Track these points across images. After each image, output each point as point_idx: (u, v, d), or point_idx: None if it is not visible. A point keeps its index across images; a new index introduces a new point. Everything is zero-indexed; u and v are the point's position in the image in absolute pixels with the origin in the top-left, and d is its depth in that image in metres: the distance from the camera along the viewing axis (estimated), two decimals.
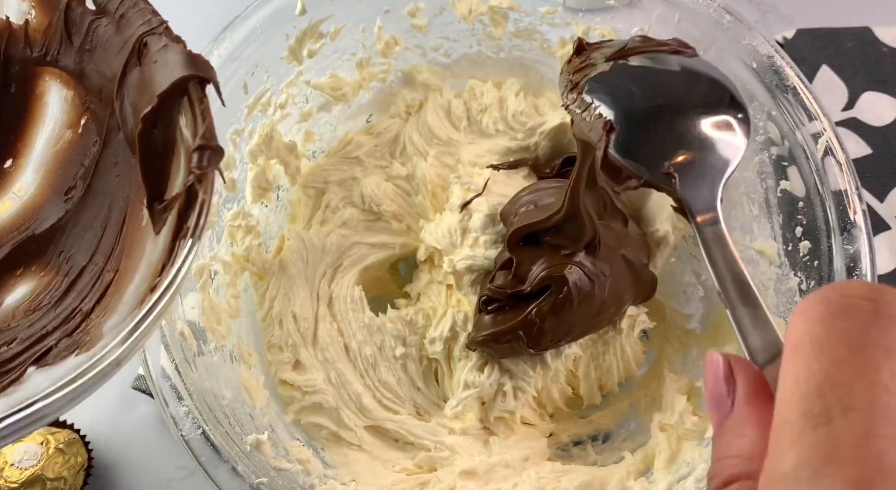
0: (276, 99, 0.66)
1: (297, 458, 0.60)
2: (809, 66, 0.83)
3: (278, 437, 0.60)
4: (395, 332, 0.68)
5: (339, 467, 0.64)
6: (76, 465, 0.66)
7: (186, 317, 0.57)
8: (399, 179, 0.72)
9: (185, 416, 0.54)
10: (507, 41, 0.71)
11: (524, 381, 0.66)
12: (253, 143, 0.65)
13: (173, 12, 0.92)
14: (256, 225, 0.66)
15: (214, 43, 0.61)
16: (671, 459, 0.63)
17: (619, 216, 0.66)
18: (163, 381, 0.54)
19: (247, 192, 0.66)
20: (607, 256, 0.64)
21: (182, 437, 0.53)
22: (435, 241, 0.68)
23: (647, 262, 0.67)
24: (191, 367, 0.56)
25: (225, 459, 0.53)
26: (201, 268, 0.60)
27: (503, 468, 0.64)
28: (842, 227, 0.58)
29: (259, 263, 0.66)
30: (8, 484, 0.63)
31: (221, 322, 0.61)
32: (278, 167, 0.68)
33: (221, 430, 0.55)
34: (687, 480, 0.59)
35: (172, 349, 0.55)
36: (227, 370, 0.60)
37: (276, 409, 0.64)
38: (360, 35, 0.68)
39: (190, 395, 0.54)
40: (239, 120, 0.63)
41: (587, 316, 0.63)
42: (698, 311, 0.71)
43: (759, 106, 0.62)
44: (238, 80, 0.62)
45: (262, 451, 0.56)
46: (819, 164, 0.59)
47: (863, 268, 0.57)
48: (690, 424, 0.63)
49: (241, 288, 0.65)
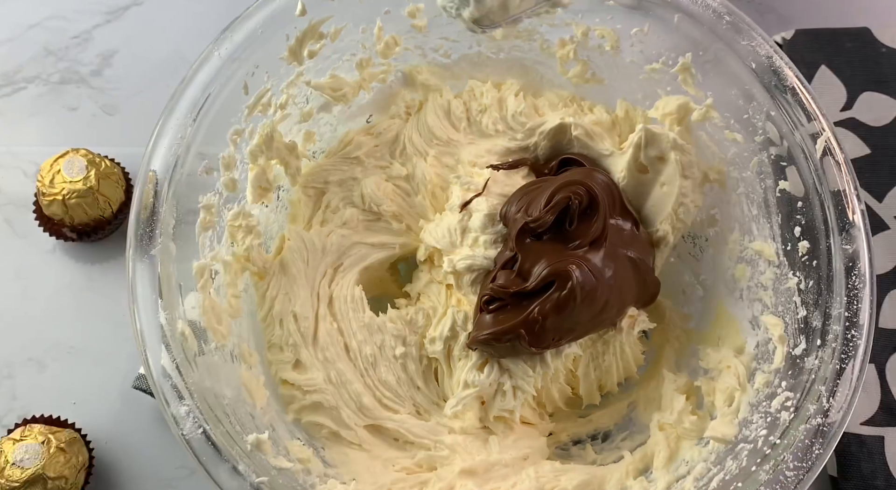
0: (276, 99, 0.66)
1: (298, 458, 0.60)
2: (808, 67, 0.83)
3: (279, 437, 0.61)
4: (395, 332, 0.68)
5: (339, 466, 0.64)
6: (77, 465, 0.67)
7: (187, 316, 0.57)
8: (399, 179, 0.73)
9: (185, 416, 0.54)
10: (506, 42, 0.71)
11: (524, 381, 0.66)
12: (253, 144, 0.65)
13: (174, 13, 0.93)
14: (257, 225, 0.66)
15: (215, 43, 0.61)
16: (670, 458, 0.63)
17: (630, 218, 0.67)
18: (163, 380, 0.54)
19: (247, 193, 0.66)
20: (613, 255, 0.64)
21: (183, 436, 0.53)
22: (435, 241, 0.68)
23: (652, 266, 0.67)
24: (192, 367, 0.56)
25: (226, 459, 0.53)
26: (202, 268, 0.60)
27: (502, 467, 0.64)
28: (840, 227, 0.58)
29: (259, 263, 0.66)
30: (10, 483, 0.64)
31: (222, 322, 0.61)
32: (279, 167, 0.68)
33: (222, 429, 0.55)
34: (686, 479, 0.59)
35: (173, 349, 0.55)
36: (227, 370, 0.60)
37: (277, 409, 0.64)
38: (360, 36, 0.68)
39: (191, 394, 0.54)
40: (239, 120, 0.63)
41: (590, 315, 0.63)
42: (698, 311, 0.71)
43: (758, 106, 0.62)
44: (238, 80, 0.62)
45: (263, 451, 0.56)
46: (818, 164, 0.60)
47: (861, 267, 0.57)
48: (689, 424, 0.63)
49: (241, 288, 0.65)
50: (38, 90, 0.85)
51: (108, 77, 0.86)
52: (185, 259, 0.59)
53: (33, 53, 0.86)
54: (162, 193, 0.58)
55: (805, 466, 0.54)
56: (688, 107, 0.66)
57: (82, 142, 0.78)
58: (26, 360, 0.75)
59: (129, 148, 0.79)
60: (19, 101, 0.85)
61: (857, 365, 0.55)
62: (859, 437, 0.72)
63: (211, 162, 0.62)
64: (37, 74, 0.85)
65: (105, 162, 0.75)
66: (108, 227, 0.76)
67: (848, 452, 0.71)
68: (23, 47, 0.86)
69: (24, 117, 0.84)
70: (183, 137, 0.59)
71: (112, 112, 0.85)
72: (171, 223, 0.58)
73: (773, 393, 0.58)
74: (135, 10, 0.88)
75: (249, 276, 0.67)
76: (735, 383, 0.62)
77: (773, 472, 0.54)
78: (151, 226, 0.57)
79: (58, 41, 0.87)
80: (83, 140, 0.80)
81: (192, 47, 0.65)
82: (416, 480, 0.64)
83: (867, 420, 0.72)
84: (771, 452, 0.55)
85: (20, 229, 0.80)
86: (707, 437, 0.61)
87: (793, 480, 0.53)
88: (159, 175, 0.58)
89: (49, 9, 0.88)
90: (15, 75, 0.85)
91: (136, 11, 0.88)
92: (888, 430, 0.72)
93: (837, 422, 0.54)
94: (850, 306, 0.56)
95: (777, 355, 0.59)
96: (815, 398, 0.55)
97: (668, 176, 0.66)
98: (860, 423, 0.72)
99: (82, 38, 0.87)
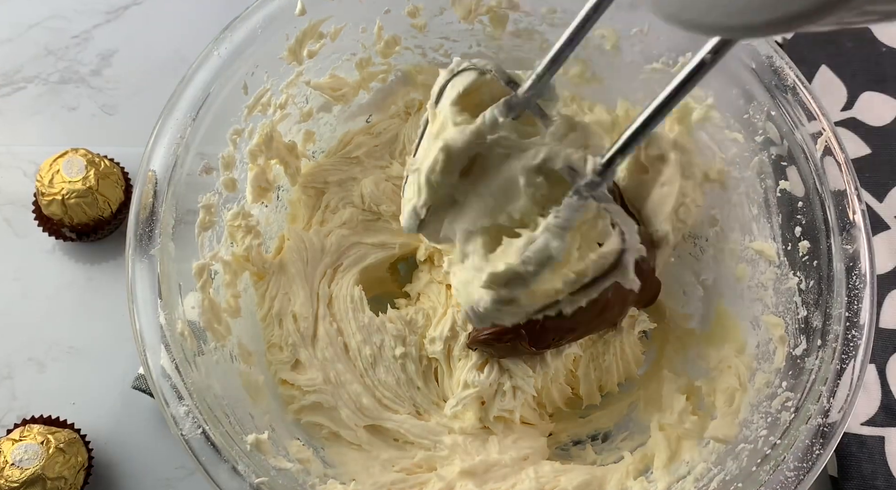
0: (276, 99, 0.66)
1: (297, 458, 0.60)
2: (809, 66, 0.83)
3: (278, 437, 0.60)
4: (395, 332, 0.68)
5: (338, 466, 0.64)
6: (76, 465, 0.67)
7: (187, 316, 0.57)
8: (399, 179, 0.72)
9: (185, 416, 0.54)
10: (507, 41, 0.71)
11: (524, 381, 0.66)
12: (253, 144, 0.65)
13: (174, 13, 0.93)
14: (256, 225, 0.66)
15: (214, 43, 0.61)
16: (670, 459, 0.63)
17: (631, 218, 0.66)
18: (163, 380, 0.54)
19: (247, 192, 0.66)
20: None
21: (182, 436, 0.53)
22: (435, 241, 0.68)
23: (653, 266, 0.67)
24: (191, 367, 0.56)
25: (225, 459, 0.53)
26: (201, 267, 0.60)
27: (502, 467, 0.64)
28: (841, 227, 0.58)
29: (259, 263, 0.66)
30: (9, 483, 0.64)
31: (222, 322, 0.61)
32: (278, 167, 0.68)
33: (221, 429, 0.55)
34: (686, 480, 0.59)
35: (173, 349, 0.55)
36: (227, 370, 0.60)
37: (276, 409, 0.64)
38: (360, 35, 0.68)
39: (190, 394, 0.54)
40: (239, 120, 0.63)
41: (591, 315, 0.63)
42: (698, 311, 0.71)
43: (759, 106, 0.62)
44: (238, 80, 0.62)
45: (263, 451, 0.56)
46: (818, 164, 0.60)
47: (862, 267, 0.57)
48: (690, 424, 0.63)
49: (241, 288, 0.65)
50: (37, 90, 0.85)
51: (107, 77, 0.86)
52: (185, 259, 0.59)
53: (33, 53, 0.86)
54: (161, 193, 0.58)
55: (805, 467, 0.53)
56: (688, 107, 0.66)
57: (82, 142, 0.78)
58: (26, 360, 0.75)
59: (129, 148, 0.79)
60: (19, 100, 0.85)
61: (857, 365, 0.55)
62: (860, 438, 0.71)
63: (210, 162, 0.62)
64: (36, 74, 0.85)
65: (104, 162, 0.75)
66: (107, 226, 0.76)
67: (848, 453, 0.71)
68: (23, 47, 0.86)
69: (23, 117, 0.84)
70: (182, 137, 0.59)
71: (111, 112, 0.85)
72: (170, 223, 0.58)
73: (774, 393, 0.58)
74: (135, 9, 0.88)
75: (249, 276, 0.67)
76: (736, 383, 0.61)
77: (773, 472, 0.54)
78: (151, 226, 0.57)
79: (58, 41, 0.87)
80: (83, 140, 0.80)
81: (192, 47, 0.64)
82: (416, 481, 0.63)
83: (867, 420, 0.72)
84: (771, 452, 0.55)
85: (20, 229, 0.80)
86: (708, 438, 0.61)
87: (793, 481, 0.53)
88: (159, 175, 0.58)
89: (49, 9, 0.88)
90: (15, 75, 0.85)
91: (135, 11, 0.88)
92: (888, 430, 0.72)
93: (838, 422, 0.54)
94: (850, 306, 0.56)
95: (777, 355, 0.59)
96: (815, 398, 0.55)
97: (669, 176, 0.66)
98: (860, 424, 0.72)
99: (82, 38, 0.87)
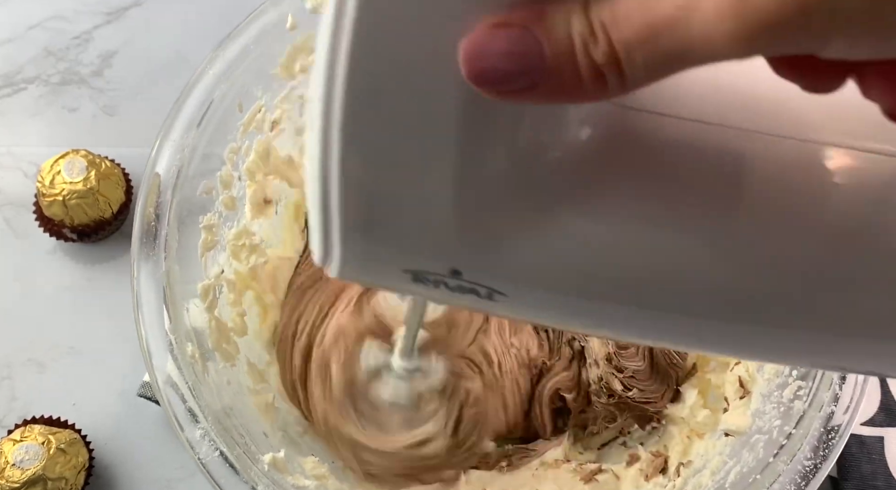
0: (270, 115, 0.65)
1: (314, 474, 0.60)
2: None
3: (293, 454, 0.60)
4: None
5: (354, 481, 0.64)
6: (77, 465, 0.66)
7: (196, 336, 0.57)
8: None
9: (201, 439, 0.53)
10: None
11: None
12: (250, 160, 0.64)
13: (175, 14, 0.91)
14: (260, 243, 0.66)
15: (208, 63, 0.61)
16: (684, 453, 0.63)
17: None
18: (179, 404, 0.54)
19: (246, 210, 0.65)
20: None
21: (200, 460, 0.53)
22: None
23: None
24: (203, 388, 0.55)
25: (244, 480, 0.53)
26: (207, 288, 0.60)
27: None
28: None
29: (264, 281, 0.66)
30: (9, 484, 0.63)
31: (230, 341, 0.60)
32: (277, 183, 0.68)
33: (238, 450, 0.54)
34: (702, 473, 0.60)
35: (184, 371, 0.55)
36: (238, 389, 0.60)
37: (291, 424, 0.64)
38: None
39: (205, 416, 0.54)
40: (235, 138, 0.63)
41: None
42: None
43: None
44: (233, 97, 0.62)
45: (280, 469, 0.56)
46: None
47: None
48: (702, 417, 0.63)
49: (246, 306, 0.64)
50: (38, 91, 0.84)
51: (108, 78, 0.85)
52: (191, 281, 0.59)
53: (33, 54, 0.85)
54: (164, 214, 0.58)
55: (822, 455, 0.54)
56: None
57: (82, 142, 0.77)
58: (26, 360, 0.74)
59: (130, 149, 0.78)
60: (19, 101, 0.83)
61: None
62: (859, 438, 0.72)
63: (210, 181, 0.61)
64: (37, 75, 0.84)
65: (105, 163, 0.74)
66: (108, 227, 0.76)
67: (848, 453, 0.71)
68: (23, 48, 0.85)
69: (24, 118, 0.83)
70: (181, 158, 0.59)
71: (112, 113, 0.84)
72: (174, 246, 0.58)
73: (785, 382, 0.58)
74: (135, 10, 0.87)
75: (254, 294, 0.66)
76: (745, 374, 0.62)
77: (790, 461, 0.54)
78: (155, 249, 0.57)
79: (58, 42, 0.86)
80: (83, 141, 0.79)
81: (193, 48, 0.64)
82: None
83: (867, 420, 0.72)
84: (787, 443, 0.55)
85: (20, 230, 0.79)
86: (721, 430, 0.61)
87: (811, 470, 0.54)
88: (160, 197, 0.58)
89: (49, 9, 0.87)
90: (15, 76, 0.84)
91: (136, 12, 0.87)
92: (888, 430, 0.72)
93: (851, 408, 0.55)
94: None
95: None
96: (826, 386, 0.56)
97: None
98: (860, 424, 0.72)
99: (83, 39, 0.86)
